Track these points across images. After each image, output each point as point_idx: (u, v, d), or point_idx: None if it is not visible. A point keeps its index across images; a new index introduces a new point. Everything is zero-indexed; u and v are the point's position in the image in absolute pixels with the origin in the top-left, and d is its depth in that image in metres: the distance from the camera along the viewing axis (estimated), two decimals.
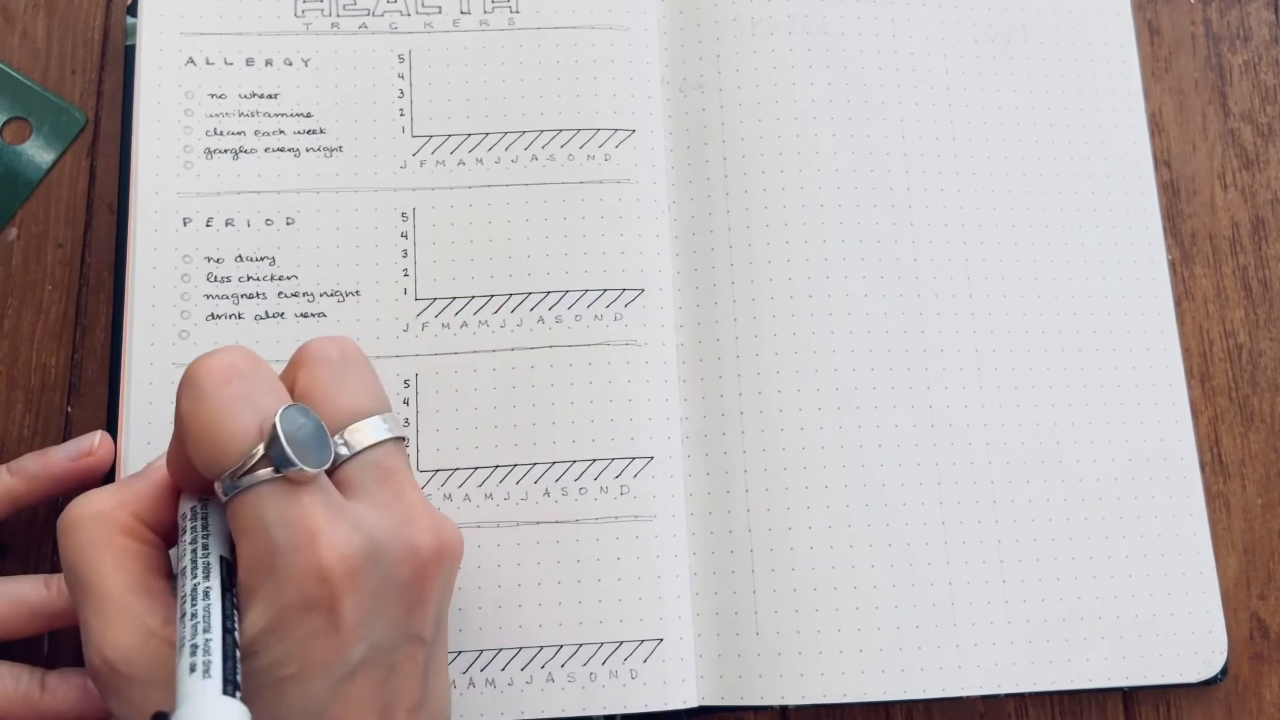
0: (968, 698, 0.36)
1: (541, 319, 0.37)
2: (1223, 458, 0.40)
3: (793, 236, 0.38)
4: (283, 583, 0.26)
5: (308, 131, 0.38)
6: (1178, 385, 0.39)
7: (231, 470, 0.26)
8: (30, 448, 0.37)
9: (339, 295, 0.37)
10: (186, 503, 0.28)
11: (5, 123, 0.39)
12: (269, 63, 0.39)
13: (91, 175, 0.39)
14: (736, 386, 0.37)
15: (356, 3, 0.40)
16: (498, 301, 0.37)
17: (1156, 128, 0.42)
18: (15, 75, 0.40)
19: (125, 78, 0.39)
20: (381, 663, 0.27)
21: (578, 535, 0.36)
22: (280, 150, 0.38)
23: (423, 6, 0.40)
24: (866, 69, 0.40)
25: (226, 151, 0.38)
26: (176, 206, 0.37)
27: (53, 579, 0.33)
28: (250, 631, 0.26)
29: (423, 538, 0.28)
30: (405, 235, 0.38)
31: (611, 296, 0.38)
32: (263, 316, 0.37)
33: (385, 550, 0.27)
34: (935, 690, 0.35)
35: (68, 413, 0.37)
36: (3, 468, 0.34)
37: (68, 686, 0.33)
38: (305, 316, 0.37)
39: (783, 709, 0.36)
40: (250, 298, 0.37)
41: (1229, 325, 0.41)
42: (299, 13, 0.39)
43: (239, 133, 0.38)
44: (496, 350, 0.37)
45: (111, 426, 0.35)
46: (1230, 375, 0.40)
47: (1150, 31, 0.43)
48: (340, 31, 0.39)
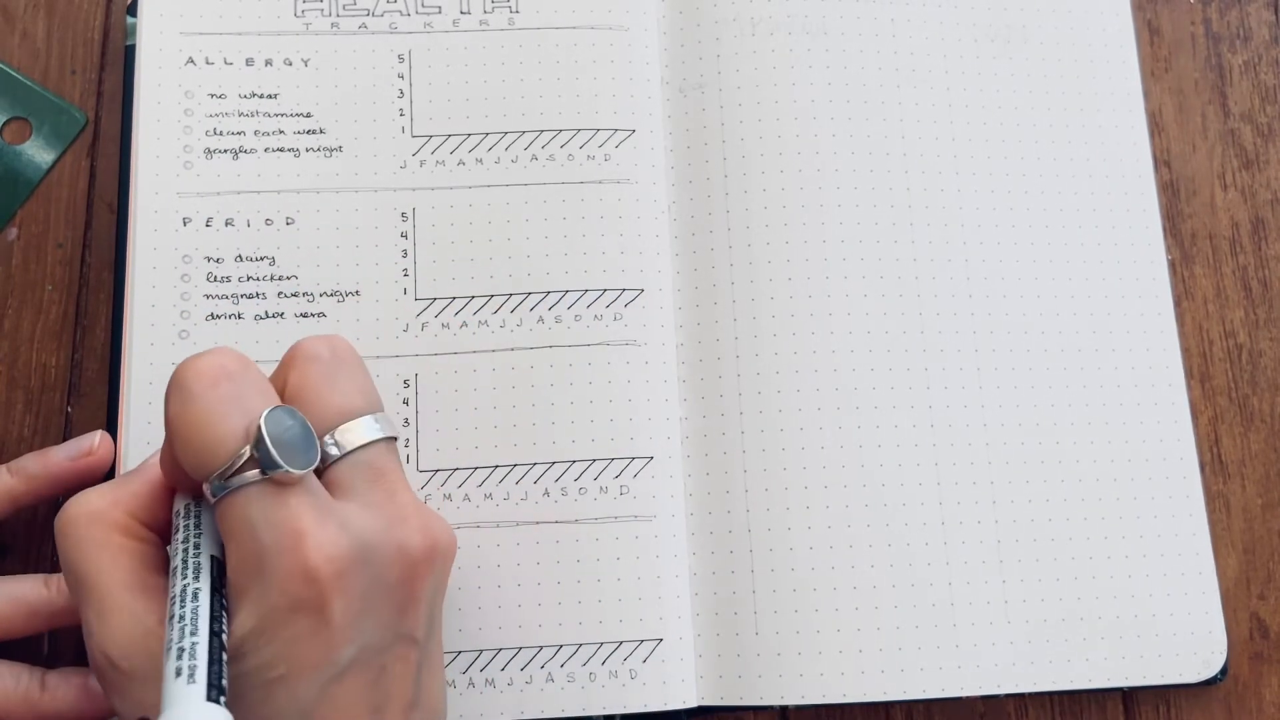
0: (968, 698, 0.36)
1: (541, 319, 0.37)
2: (1222, 458, 0.40)
3: (792, 237, 0.38)
4: (270, 584, 0.26)
5: (308, 131, 0.38)
6: (1177, 385, 0.39)
7: (219, 472, 0.26)
8: (30, 448, 0.37)
9: (339, 295, 0.37)
10: (180, 501, 0.28)
11: (5, 123, 0.39)
12: (269, 63, 0.39)
13: (91, 175, 0.39)
14: (736, 386, 0.37)
15: (356, 3, 0.40)
16: (497, 301, 0.37)
17: (1156, 128, 0.42)
18: (15, 75, 0.40)
19: (125, 78, 0.39)
20: (372, 663, 0.27)
21: (577, 535, 0.36)
22: (280, 150, 0.38)
23: (422, 6, 0.40)
24: (866, 69, 0.40)
25: (226, 151, 0.38)
26: (176, 206, 0.37)
27: (52, 578, 0.33)
28: (239, 633, 0.26)
29: (413, 538, 0.28)
30: (405, 235, 0.38)
31: (611, 296, 0.38)
32: (262, 316, 0.37)
33: (375, 551, 0.27)
34: (935, 690, 0.35)
35: (68, 413, 0.37)
36: (3, 468, 0.35)
37: (68, 686, 0.33)
38: (305, 316, 0.37)
39: (783, 709, 0.36)
40: (250, 298, 0.37)
41: (1229, 325, 0.41)
42: (299, 13, 0.39)
43: (239, 133, 0.38)
44: (496, 350, 0.37)
45: (111, 426, 0.36)
46: (1230, 375, 0.40)
47: (1150, 31, 0.43)
48: (340, 31, 0.39)
